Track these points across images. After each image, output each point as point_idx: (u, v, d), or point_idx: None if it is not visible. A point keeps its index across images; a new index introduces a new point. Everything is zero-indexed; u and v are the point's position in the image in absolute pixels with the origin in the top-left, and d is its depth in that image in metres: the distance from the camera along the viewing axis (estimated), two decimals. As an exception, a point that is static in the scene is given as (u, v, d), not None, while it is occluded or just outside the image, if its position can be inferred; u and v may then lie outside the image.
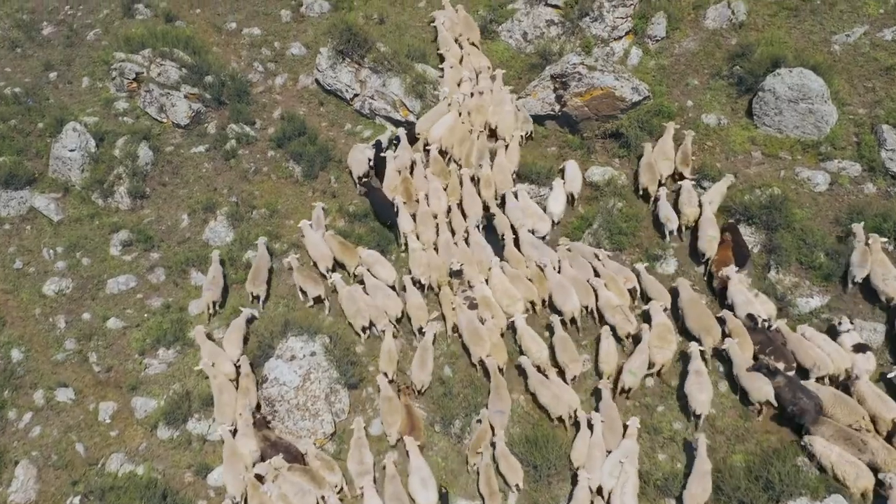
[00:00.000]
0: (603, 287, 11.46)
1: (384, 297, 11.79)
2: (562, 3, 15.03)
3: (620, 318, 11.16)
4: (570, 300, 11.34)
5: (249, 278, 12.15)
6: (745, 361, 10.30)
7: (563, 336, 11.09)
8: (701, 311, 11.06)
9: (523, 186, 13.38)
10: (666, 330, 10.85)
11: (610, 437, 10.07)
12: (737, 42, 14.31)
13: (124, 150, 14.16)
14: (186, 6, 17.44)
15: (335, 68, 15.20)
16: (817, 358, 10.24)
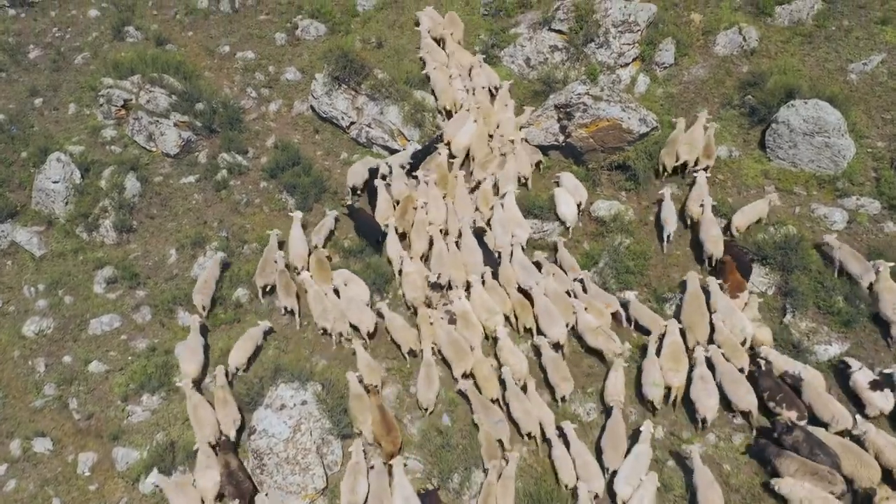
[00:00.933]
0: (582, 310, 11.22)
1: (358, 311, 11.57)
2: (566, 28, 14.64)
3: (603, 339, 10.94)
4: (557, 326, 11.10)
5: (258, 272, 12.23)
6: (730, 370, 10.20)
7: (554, 356, 10.86)
8: (696, 308, 10.96)
9: (527, 221, 12.92)
10: (679, 350, 10.63)
11: (613, 454, 9.92)
12: (748, 70, 13.92)
13: (111, 181, 13.76)
14: (178, 29, 17.10)
15: (331, 95, 14.81)
16: (836, 412, 9.76)
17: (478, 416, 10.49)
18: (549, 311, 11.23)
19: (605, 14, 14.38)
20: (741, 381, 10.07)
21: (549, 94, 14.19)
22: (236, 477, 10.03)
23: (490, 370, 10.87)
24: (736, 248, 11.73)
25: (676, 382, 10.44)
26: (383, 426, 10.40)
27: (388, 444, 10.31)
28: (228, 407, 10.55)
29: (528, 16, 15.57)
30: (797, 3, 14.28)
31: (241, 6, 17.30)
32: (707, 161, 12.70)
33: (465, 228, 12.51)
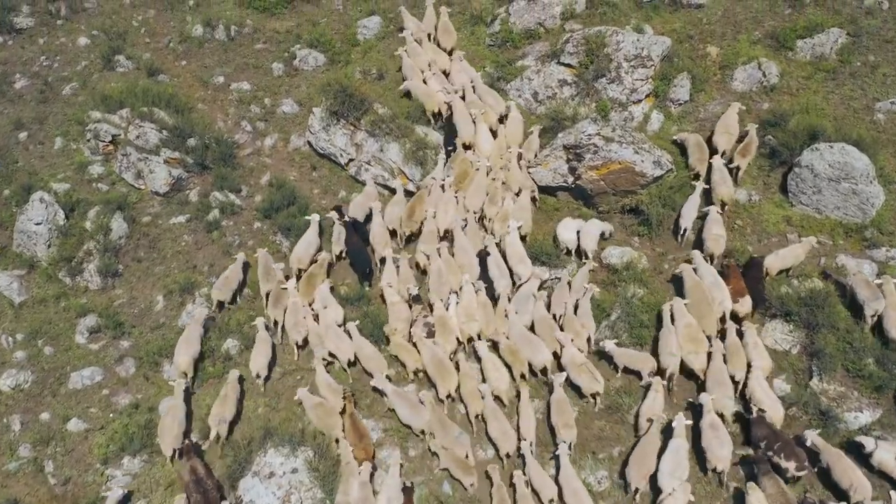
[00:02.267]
0: (569, 342, 10.94)
1: (336, 339, 11.37)
2: (576, 62, 14.13)
3: (586, 376, 10.62)
4: (541, 353, 10.96)
5: (261, 279, 12.28)
6: (720, 372, 10.27)
7: (562, 398, 10.51)
8: (700, 298, 10.90)
9: (536, 268, 12.35)
10: (696, 330, 10.63)
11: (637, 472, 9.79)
12: (769, 107, 13.43)
13: (96, 222, 13.27)
14: (171, 58, 16.66)
15: (329, 130, 14.32)
16: (856, 480, 9.18)
17: (434, 442, 10.31)
18: (529, 339, 11.09)
19: (616, 48, 13.88)
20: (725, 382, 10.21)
21: (557, 130, 13.67)
22: (204, 485, 9.82)
23: (474, 385, 10.75)
24: (756, 268, 11.31)
25: (698, 365, 10.48)
26: (354, 434, 10.36)
27: (359, 452, 10.24)
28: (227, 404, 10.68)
29: (536, 47, 15.09)
30: (820, 37, 13.78)
31: (238, 34, 16.86)
32: (742, 159, 12.51)
33: (456, 231, 12.48)
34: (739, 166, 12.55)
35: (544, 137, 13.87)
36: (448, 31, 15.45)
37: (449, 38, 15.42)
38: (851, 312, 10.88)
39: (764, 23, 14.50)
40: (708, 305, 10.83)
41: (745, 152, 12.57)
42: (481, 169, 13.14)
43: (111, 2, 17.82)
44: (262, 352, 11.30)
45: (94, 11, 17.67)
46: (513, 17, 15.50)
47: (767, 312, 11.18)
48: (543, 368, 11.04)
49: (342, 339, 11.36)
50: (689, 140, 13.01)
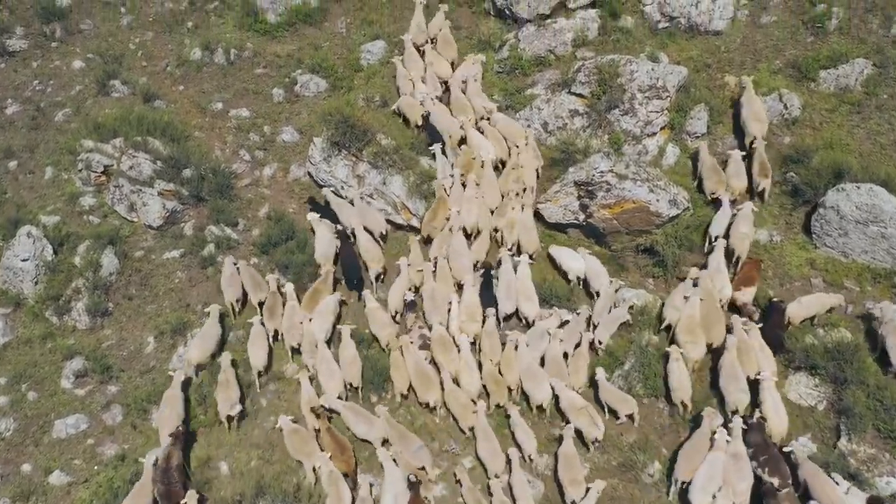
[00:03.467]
0: (564, 388, 10.62)
1: (328, 374, 11.00)
2: (587, 92, 13.65)
3: (586, 420, 10.25)
4: (542, 389, 10.73)
5: (251, 290, 12.23)
6: (732, 366, 10.19)
7: (571, 452, 10.10)
8: (710, 309, 10.85)
9: (544, 311, 11.86)
10: (695, 324, 10.74)
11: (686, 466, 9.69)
12: (790, 142, 12.94)
13: (86, 257, 12.85)
14: (168, 82, 16.26)
15: (329, 161, 13.87)
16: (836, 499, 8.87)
17: (393, 449, 10.22)
18: (533, 372, 10.80)
19: (630, 78, 13.40)
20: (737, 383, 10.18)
21: (567, 163, 13.22)
22: (170, 476, 9.81)
23: (466, 400, 10.67)
24: (777, 313, 10.88)
25: (695, 355, 10.64)
26: (335, 446, 10.20)
27: (341, 465, 10.07)
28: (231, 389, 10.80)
29: (547, 75, 14.63)
30: (844, 68, 13.28)
31: (237, 58, 16.45)
32: (765, 180, 12.27)
33: (455, 232, 12.40)
34: (765, 188, 12.24)
35: (554, 170, 13.39)
36: (448, 43, 15.15)
37: (449, 49, 15.10)
38: (881, 365, 10.32)
39: (785, 51, 14.02)
40: (718, 318, 10.81)
41: (764, 171, 12.24)
42: (487, 164, 13.06)
43: (108, 23, 17.43)
44: (261, 346, 11.33)
45: (90, 33, 17.29)
46: (522, 43, 15.05)
47: (791, 364, 10.61)
48: (540, 406, 10.83)
49: (334, 377, 11.03)
50: (705, 163, 12.62)
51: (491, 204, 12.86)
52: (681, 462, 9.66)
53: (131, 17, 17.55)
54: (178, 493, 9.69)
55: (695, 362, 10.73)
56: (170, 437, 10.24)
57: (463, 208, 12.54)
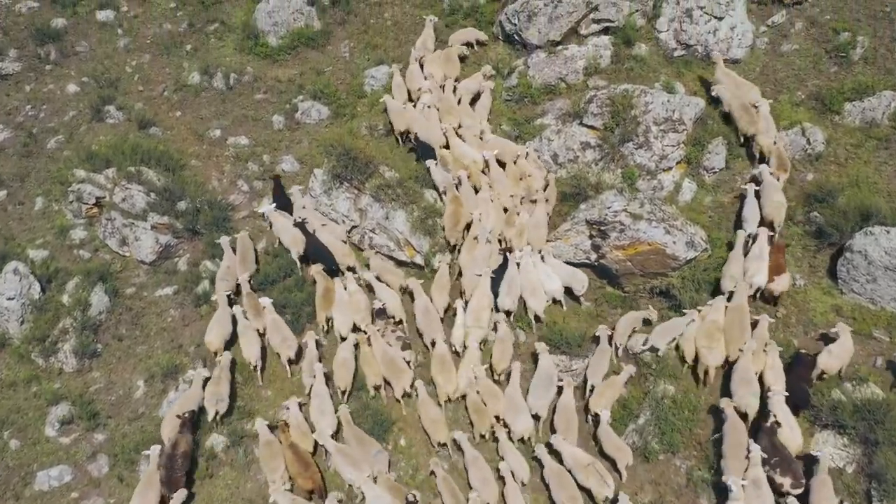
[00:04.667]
0: (566, 444, 10.21)
1: (320, 412, 10.72)
2: (600, 124, 13.17)
3: (595, 479, 9.84)
4: (522, 419, 10.54)
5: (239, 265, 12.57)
6: (746, 370, 10.13)
7: (558, 468, 10.03)
8: (737, 320, 10.66)
9: (553, 357, 11.35)
10: (716, 329, 10.63)
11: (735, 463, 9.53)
12: (814, 179, 12.45)
13: (75, 295, 12.40)
14: (165, 108, 15.84)
15: (330, 194, 13.41)
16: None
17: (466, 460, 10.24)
18: (515, 402, 10.64)
19: (645, 109, 12.91)
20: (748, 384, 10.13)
21: (579, 198, 12.76)
22: (175, 463, 10.02)
23: (437, 413, 10.68)
24: (803, 366, 10.36)
25: (712, 361, 10.52)
26: (298, 464, 10.05)
27: (305, 482, 9.97)
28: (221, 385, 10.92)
29: (557, 104, 14.14)
30: (870, 101, 12.79)
31: (237, 83, 16.03)
32: (784, 174, 12.25)
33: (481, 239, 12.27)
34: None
35: (564, 205, 12.93)
36: (451, 60, 14.81)
37: (451, 67, 14.74)
38: (916, 424, 9.77)
39: (807, 82, 13.53)
40: (741, 331, 10.61)
41: (783, 166, 12.18)
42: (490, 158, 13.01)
43: (104, 46, 17.03)
44: (252, 341, 11.39)
45: (86, 56, 16.89)
46: (532, 70, 14.57)
47: (817, 422, 10.06)
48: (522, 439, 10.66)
49: (325, 414, 10.71)
50: (733, 105, 12.80)
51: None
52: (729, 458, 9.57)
53: (128, 39, 17.15)
54: (179, 480, 9.89)
55: (713, 367, 10.64)
56: (177, 418, 10.43)
57: (483, 212, 12.38)
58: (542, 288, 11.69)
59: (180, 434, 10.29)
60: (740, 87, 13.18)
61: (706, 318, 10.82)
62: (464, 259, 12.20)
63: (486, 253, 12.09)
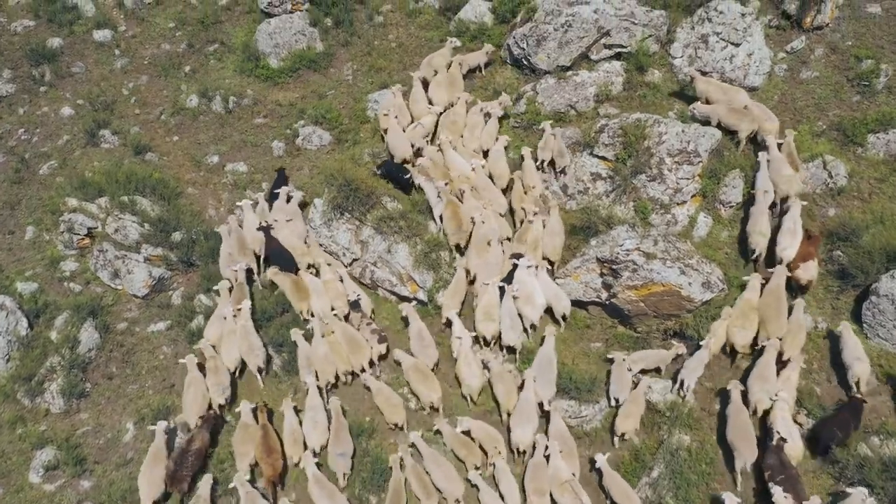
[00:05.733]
0: (556, 452, 10.15)
1: (312, 424, 10.76)
2: (611, 155, 12.71)
3: (570, 497, 9.85)
4: (524, 430, 10.55)
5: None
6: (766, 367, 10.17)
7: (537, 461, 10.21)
8: (773, 303, 10.61)
9: (561, 402, 10.91)
10: (750, 308, 10.67)
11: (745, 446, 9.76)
12: (836, 215, 11.94)
13: (63, 332, 12.04)
14: (162, 132, 15.48)
15: (331, 225, 13.01)
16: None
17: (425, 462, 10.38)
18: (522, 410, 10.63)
19: (658, 140, 12.45)
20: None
21: (588, 232, 12.31)
22: (184, 461, 10.17)
23: (395, 398, 10.99)
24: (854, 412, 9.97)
25: (740, 340, 10.61)
26: (264, 448, 10.27)
27: (267, 468, 10.21)
28: (220, 375, 11.14)
29: (567, 132, 13.67)
30: (895, 132, 12.24)
31: (236, 106, 15.67)
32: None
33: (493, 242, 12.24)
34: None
35: (574, 239, 12.47)
36: (454, 82, 14.42)
37: (454, 89, 14.36)
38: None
39: (828, 111, 13.04)
40: (778, 313, 10.57)
41: (794, 163, 11.99)
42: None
43: (101, 67, 16.71)
44: (234, 346, 11.42)
45: (82, 77, 16.56)
46: (541, 96, 14.12)
47: (842, 478, 9.56)
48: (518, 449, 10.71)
49: (317, 425, 10.75)
50: (720, 112, 12.56)
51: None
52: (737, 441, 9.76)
53: (126, 60, 16.83)
54: (183, 478, 10.09)
55: (741, 347, 10.72)
56: (200, 418, 10.72)
57: (483, 216, 12.25)
58: (538, 299, 11.52)
59: (198, 430, 10.52)
60: (726, 91, 12.86)
61: (742, 296, 10.87)
62: (475, 263, 12.02)
63: (498, 256, 12.06)
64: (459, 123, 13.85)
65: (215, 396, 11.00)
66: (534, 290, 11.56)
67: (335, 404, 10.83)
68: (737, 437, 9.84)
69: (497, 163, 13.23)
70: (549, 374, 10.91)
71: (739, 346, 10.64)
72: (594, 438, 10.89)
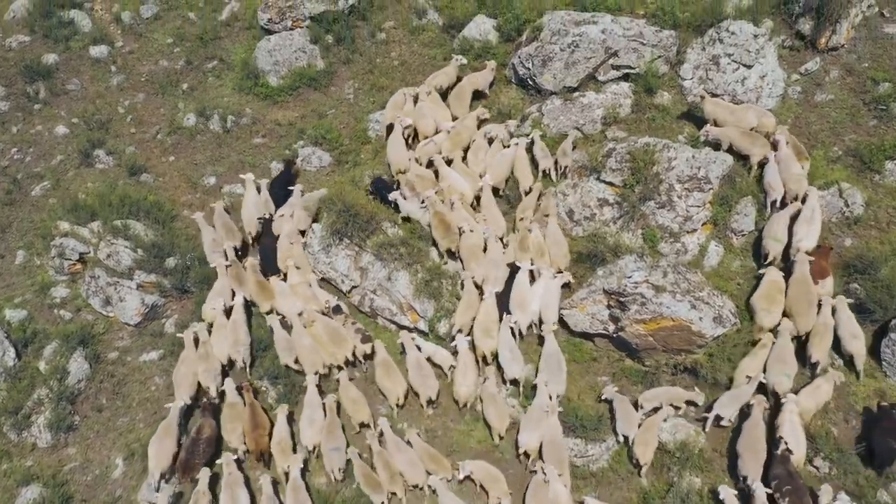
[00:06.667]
0: (555, 476, 9.96)
1: (308, 421, 10.84)
2: (619, 181, 12.37)
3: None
4: (531, 435, 10.49)
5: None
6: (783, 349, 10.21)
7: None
8: (801, 295, 10.53)
9: (566, 441, 10.54)
10: (777, 290, 10.60)
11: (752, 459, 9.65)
12: (853, 245, 11.60)
13: (52, 362, 11.74)
14: (158, 152, 15.20)
15: (329, 252, 12.70)
16: None
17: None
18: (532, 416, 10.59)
19: (668, 166, 12.12)
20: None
21: (595, 260, 11.94)
22: (196, 448, 10.41)
23: (358, 395, 11.04)
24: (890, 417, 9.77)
25: (767, 322, 10.54)
26: (250, 423, 10.57)
27: (251, 442, 10.54)
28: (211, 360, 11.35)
29: (574, 155, 13.32)
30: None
31: (234, 126, 15.38)
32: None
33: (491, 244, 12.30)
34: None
35: (580, 267, 12.13)
36: (460, 98, 14.21)
37: (459, 106, 14.14)
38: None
39: (844, 136, 12.69)
40: (808, 305, 10.48)
41: (801, 155, 12.00)
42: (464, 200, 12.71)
43: (96, 84, 16.45)
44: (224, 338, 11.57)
45: (77, 95, 16.30)
46: (546, 117, 13.80)
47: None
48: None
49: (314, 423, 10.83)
50: (733, 137, 12.32)
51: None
52: (745, 453, 9.62)
53: (122, 77, 16.56)
54: (196, 466, 10.28)
55: (767, 328, 10.65)
56: (200, 408, 10.96)
57: (470, 223, 12.22)
58: (530, 306, 11.46)
59: (204, 419, 10.68)
60: (734, 112, 12.57)
61: (765, 280, 10.83)
62: (478, 272, 11.92)
63: (499, 253, 12.04)
64: (464, 136, 13.54)
65: (206, 381, 11.18)
66: (528, 295, 11.51)
67: (329, 400, 10.86)
68: (746, 450, 9.70)
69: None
70: (559, 374, 10.90)
71: (766, 328, 10.54)
72: (601, 479, 10.51)
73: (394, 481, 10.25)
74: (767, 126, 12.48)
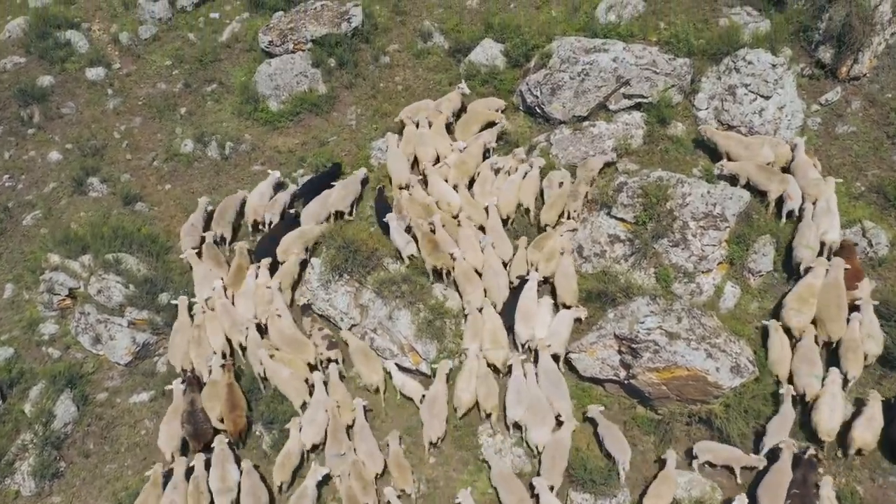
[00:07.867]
0: (547, 490, 9.87)
1: (310, 420, 10.87)
2: (630, 217, 11.92)
3: None
4: (540, 431, 10.48)
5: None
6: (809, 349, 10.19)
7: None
8: (833, 297, 10.38)
9: (575, 495, 10.10)
10: (810, 293, 10.49)
11: None
12: (877, 289, 11.04)
13: (38, 404, 11.36)
14: (153, 180, 14.83)
15: (328, 288, 12.28)
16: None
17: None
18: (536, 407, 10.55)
19: (682, 202, 11.68)
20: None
21: (605, 300, 11.52)
22: (197, 418, 10.68)
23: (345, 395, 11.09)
24: None
25: (796, 323, 10.43)
26: (228, 405, 10.72)
27: (229, 423, 10.71)
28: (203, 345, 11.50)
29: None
30: (941, 198, 11.43)
31: (233, 152, 15.00)
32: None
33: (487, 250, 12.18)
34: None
35: (589, 306, 11.68)
36: (468, 126, 13.90)
37: (466, 132, 13.86)
38: None
39: (867, 171, 12.24)
40: (839, 310, 10.35)
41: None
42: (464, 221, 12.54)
43: (92, 107, 16.10)
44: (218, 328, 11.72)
45: (72, 119, 15.96)
46: (555, 148, 13.39)
47: None
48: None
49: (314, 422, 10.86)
50: (749, 171, 11.95)
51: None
52: (763, 498, 9.38)
53: (119, 100, 16.22)
54: (207, 432, 10.69)
55: (797, 329, 10.48)
56: (182, 384, 11.05)
57: (467, 250, 12.06)
58: (536, 317, 11.36)
59: (192, 393, 10.91)
60: (749, 146, 12.13)
61: (803, 280, 10.72)
62: (475, 294, 11.73)
63: (498, 263, 11.95)
64: (469, 164, 13.28)
65: (199, 366, 11.39)
66: (534, 307, 11.45)
67: (332, 405, 10.81)
68: (765, 494, 9.44)
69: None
70: (560, 389, 10.76)
71: (795, 329, 10.43)
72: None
73: (367, 493, 10.16)
74: (785, 156, 12.03)
